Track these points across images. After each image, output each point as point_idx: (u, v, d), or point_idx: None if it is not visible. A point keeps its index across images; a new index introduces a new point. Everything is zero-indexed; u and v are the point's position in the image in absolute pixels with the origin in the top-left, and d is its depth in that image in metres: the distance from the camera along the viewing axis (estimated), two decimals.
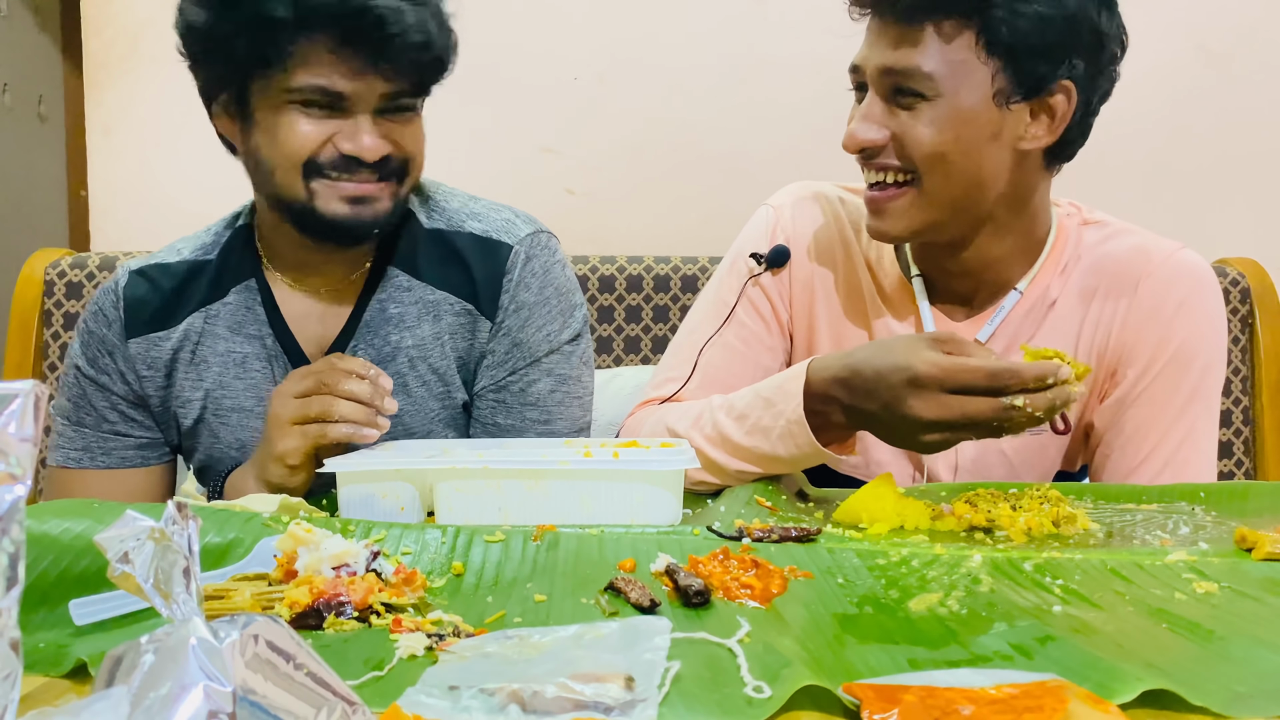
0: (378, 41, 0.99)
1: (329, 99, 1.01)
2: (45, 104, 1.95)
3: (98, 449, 1.14)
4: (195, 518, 0.41)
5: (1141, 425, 1.07)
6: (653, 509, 0.86)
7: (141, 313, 1.14)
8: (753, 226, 1.22)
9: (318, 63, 1.00)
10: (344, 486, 0.89)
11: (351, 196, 1.03)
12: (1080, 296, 1.10)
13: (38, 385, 0.36)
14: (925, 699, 0.48)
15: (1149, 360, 1.07)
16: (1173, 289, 1.08)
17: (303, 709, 0.39)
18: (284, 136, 1.02)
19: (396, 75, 1.02)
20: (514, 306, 1.13)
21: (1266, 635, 0.60)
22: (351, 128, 1.02)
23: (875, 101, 1.02)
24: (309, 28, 0.98)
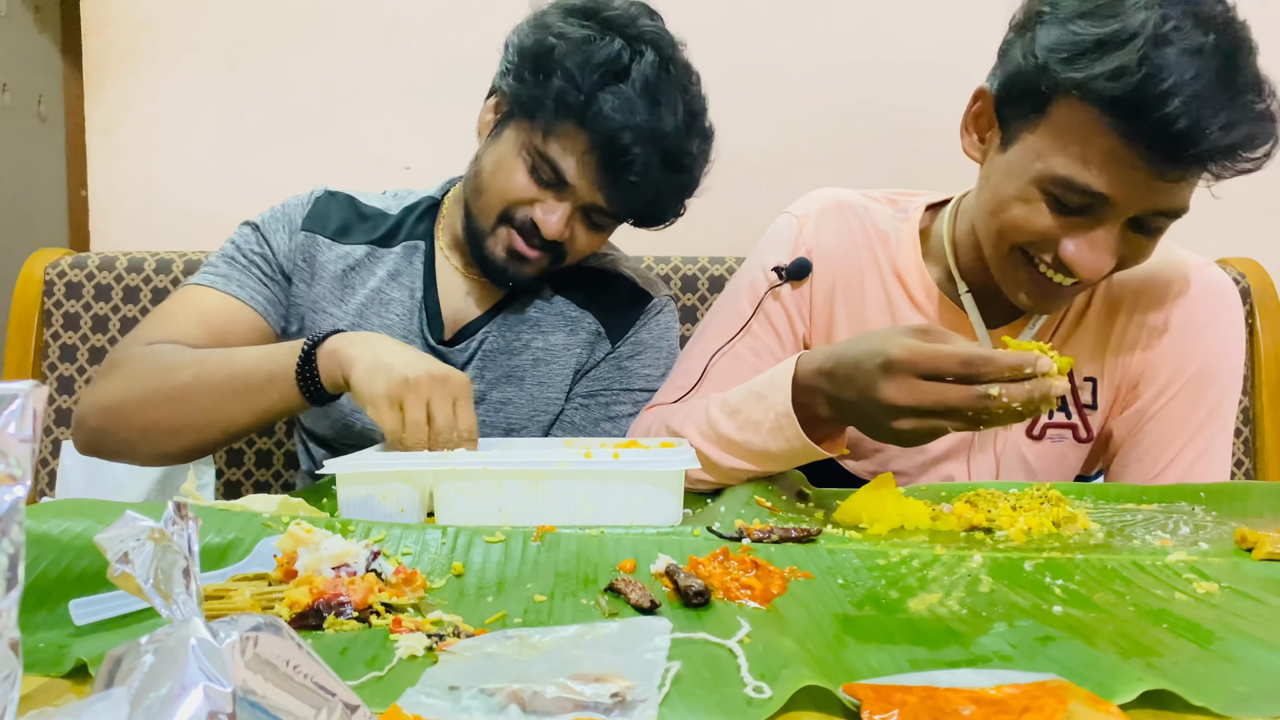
0: (617, 177, 1.11)
1: (555, 176, 1.13)
2: (45, 104, 1.95)
3: (237, 280, 1.21)
4: (195, 518, 0.41)
5: (1160, 439, 1.08)
6: (653, 509, 0.86)
7: (321, 217, 1.27)
8: (774, 235, 1.20)
9: (568, 149, 1.12)
10: (344, 488, 0.89)
11: (515, 251, 1.16)
12: (1106, 306, 1.10)
13: (37, 386, 0.36)
14: (925, 699, 0.48)
15: (1172, 376, 1.08)
16: (1201, 307, 1.08)
17: (302, 709, 0.39)
18: (505, 177, 1.15)
19: (613, 203, 1.14)
20: (633, 340, 1.29)
21: (1267, 635, 0.60)
22: (553, 204, 1.14)
23: (1120, 232, 0.95)
24: (582, 125, 1.10)
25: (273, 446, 1.65)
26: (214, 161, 2.00)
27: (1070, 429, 1.12)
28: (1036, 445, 1.12)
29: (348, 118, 2.00)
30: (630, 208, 1.16)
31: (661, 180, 1.13)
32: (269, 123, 2.00)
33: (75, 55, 2.00)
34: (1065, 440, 1.12)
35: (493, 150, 1.17)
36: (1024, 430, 1.12)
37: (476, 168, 1.20)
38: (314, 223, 1.26)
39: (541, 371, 1.26)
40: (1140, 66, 0.85)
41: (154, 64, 2.01)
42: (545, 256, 1.17)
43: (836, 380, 0.89)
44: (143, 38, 2.01)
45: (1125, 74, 0.86)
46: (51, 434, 1.63)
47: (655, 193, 1.14)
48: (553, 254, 1.17)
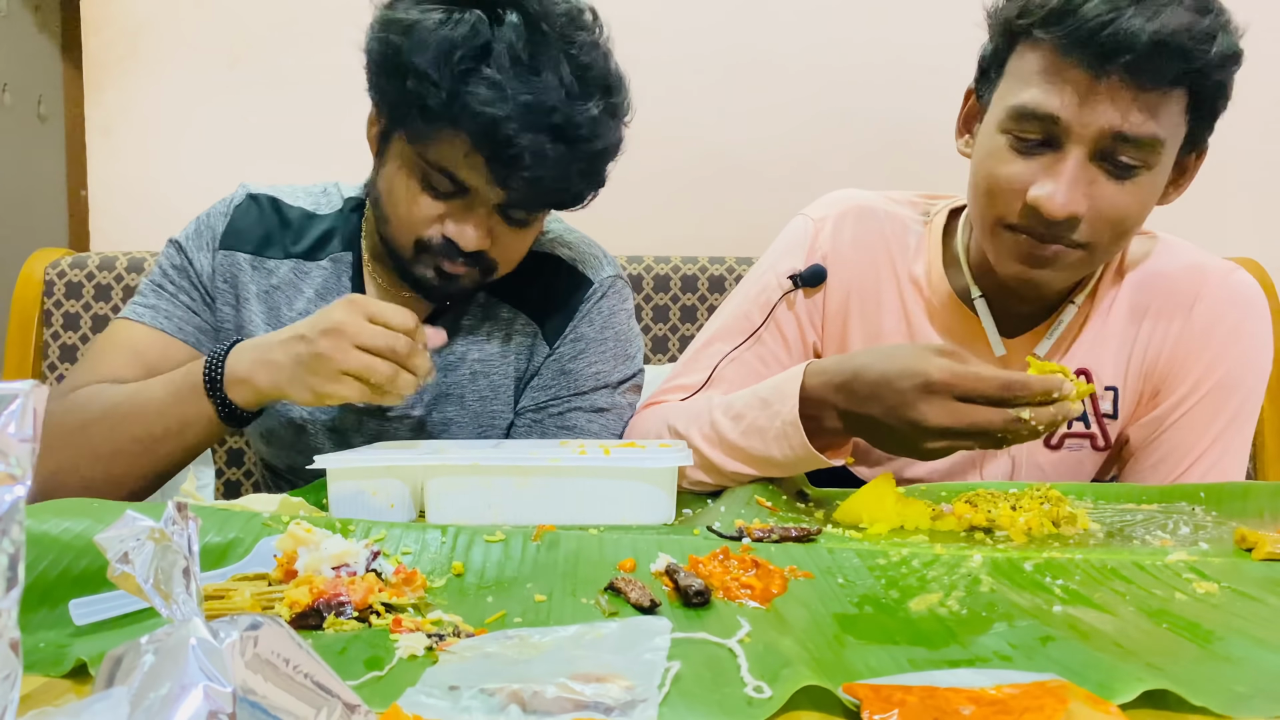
0: (513, 170, 0.99)
1: (452, 186, 1.02)
2: (45, 104, 1.95)
3: (164, 312, 1.15)
4: (195, 518, 0.41)
5: (1177, 447, 1.06)
6: (644, 507, 0.86)
7: (241, 231, 1.17)
8: (789, 238, 1.16)
9: (454, 154, 1.00)
10: (334, 483, 0.88)
11: (440, 270, 1.06)
12: (1131, 313, 1.08)
13: (37, 386, 0.36)
14: (925, 699, 0.48)
15: (1194, 384, 1.06)
16: (1227, 314, 1.06)
17: (303, 709, 0.39)
18: (404, 201, 1.05)
19: (520, 197, 1.03)
20: (573, 338, 1.17)
21: (1267, 635, 0.60)
22: (462, 216, 1.04)
23: (1085, 166, 0.92)
24: (456, 125, 0.98)
25: None
26: (214, 161, 2.00)
27: (1089, 439, 1.11)
28: (1054, 455, 1.11)
29: (348, 118, 1.99)
30: (541, 197, 1.04)
31: (563, 158, 1.00)
32: (269, 123, 2.00)
33: (75, 55, 2.00)
34: (1083, 450, 1.11)
35: (384, 173, 1.07)
36: (1042, 440, 1.11)
37: (375, 194, 1.10)
38: (233, 238, 1.17)
39: (482, 385, 1.17)
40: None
41: (154, 64, 2.01)
42: (475, 270, 1.07)
43: (854, 395, 0.88)
44: (143, 38, 2.01)
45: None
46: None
47: (561, 173, 1.01)
48: (482, 265, 1.07)
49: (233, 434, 1.62)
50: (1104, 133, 0.91)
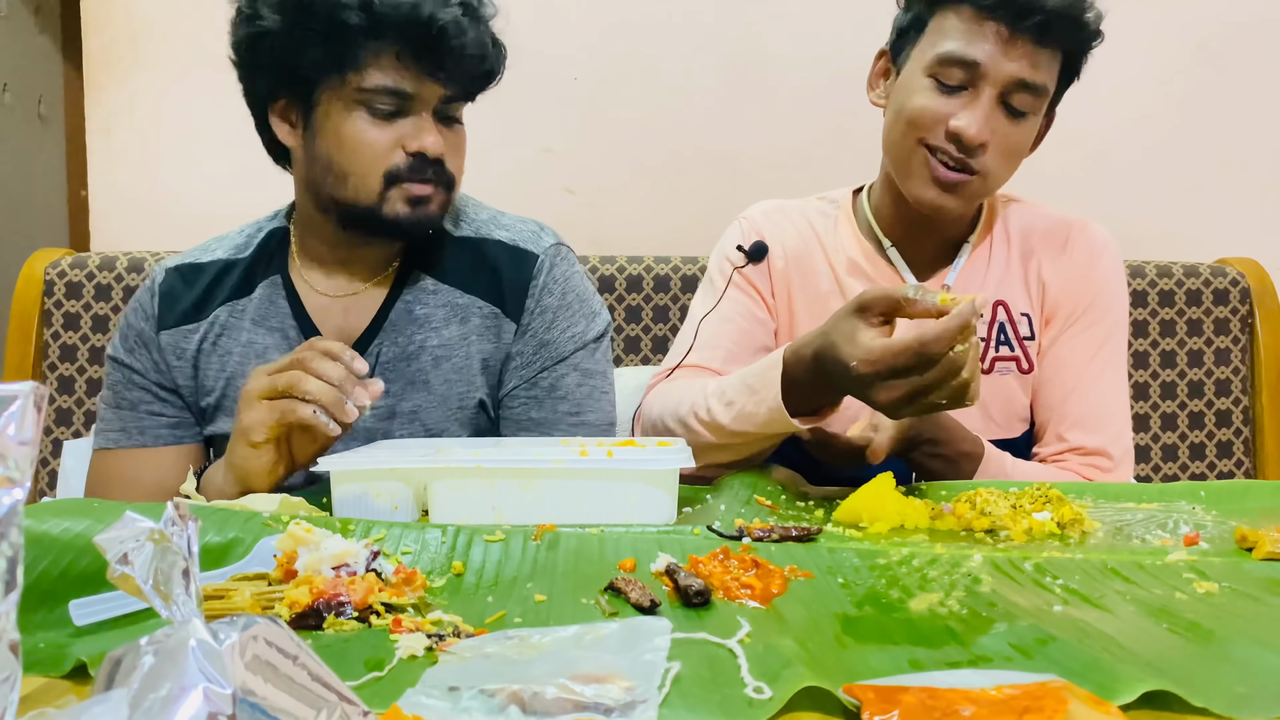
0: (440, 51, 1.06)
1: (396, 100, 1.08)
2: (45, 104, 1.95)
3: (134, 428, 1.17)
4: (195, 518, 0.41)
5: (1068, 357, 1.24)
6: (647, 508, 0.86)
7: (173, 308, 1.19)
8: (729, 236, 1.35)
9: (388, 66, 1.07)
10: (337, 486, 0.89)
11: (413, 197, 1.10)
12: (1022, 255, 1.28)
13: (37, 387, 0.36)
14: (926, 700, 0.48)
15: (1073, 307, 1.25)
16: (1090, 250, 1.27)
17: (302, 710, 0.39)
18: (355, 142, 1.09)
19: (453, 82, 1.10)
20: (539, 310, 1.20)
21: (1267, 635, 0.60)
22: (415, 128, 1.09)
23: (992, 103, 1.12)
24: (379, 35, 1.05)
25: None
26: (214, 161, 2.00)
27: (1014, 361, 1.25)
28: (986, 379, 1.23)
29: None
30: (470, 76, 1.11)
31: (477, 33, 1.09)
32: None
33: (75, 55, 2.00)
34: (1011, 373, 1.25)
35: (324, 139, 1.10)
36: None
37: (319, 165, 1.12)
38: (166, 319, 1.18)
39: (445, 369, 1.18)
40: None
41: (154, 64, 2.01)
42: (440, 188, 1.12)
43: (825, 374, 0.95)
44: (143, 38, 2.01)
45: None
46: (51, 434, 1.63)
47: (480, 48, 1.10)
48: (444, 180, 1.12)
49: None
50: (1012, 79, 1.11)
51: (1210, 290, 1.71)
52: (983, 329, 1.24)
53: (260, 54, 1.12)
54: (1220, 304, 1.71)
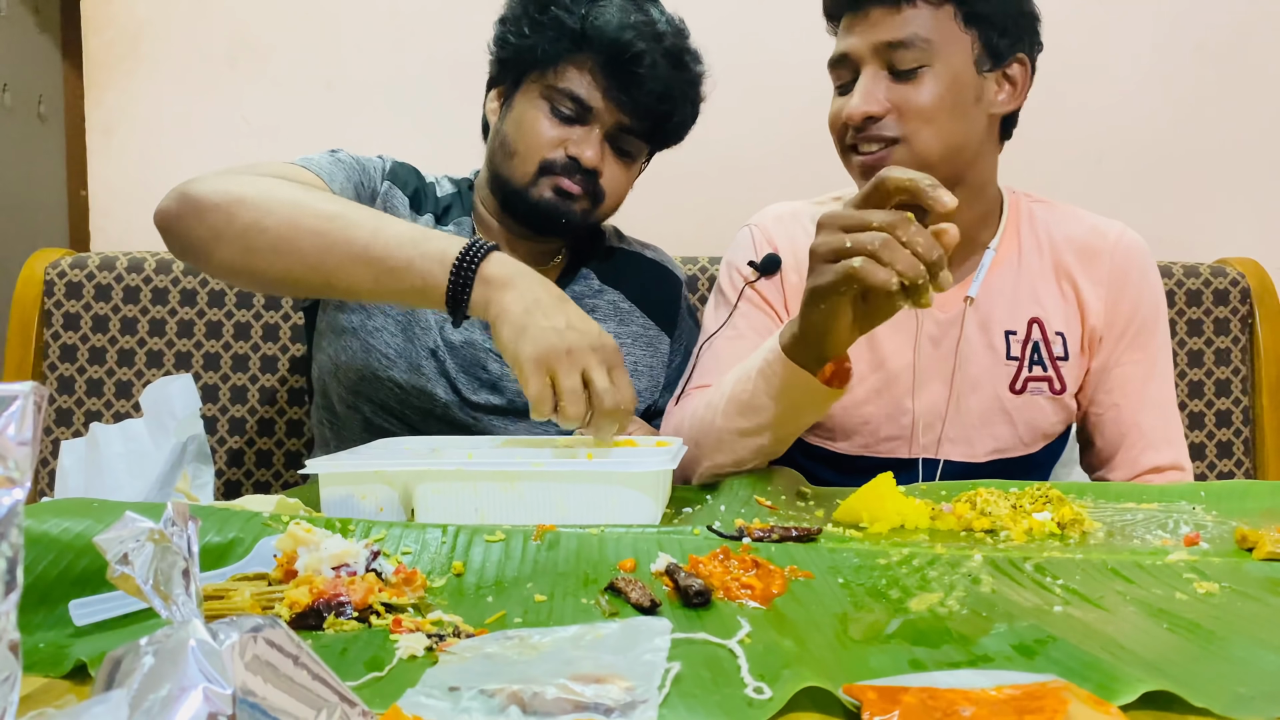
0: (626, 76, 1.20)
1: (576, 108, 1.22)
2: (45, 104, 1.95)
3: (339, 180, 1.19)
4: (195, 519, 0.41)
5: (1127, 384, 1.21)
6: (628, 511, 0.86)
7: (399, 177, 1.31)
8: (737, 244, 1.31)
9: (580, 74, 1.22)
10: (325, 488, 0.89)
11: (560, 188, 1.22)
12: (1055, 270, 1.22)
13: (37, 387, 0.36)
14: (926, 700, 0.48)
15: (1123, 328, 1.21)
16: (1131, 265, 1.22)
17: (303, 710, 0.39)
18: (529, 127, 1.23)
19: (630, 111, 1.22)
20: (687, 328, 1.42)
21: (1267, 636, 0.60)
22: (582, 136, 1.22)
23: (875, 77, 1.11)
24: (585, 46, 1.20)
25: (273, 446, 1.65)
26: (214, 161, 1.98)
27: (1046, 381, 1.21)
28: (1019, 399, 1.20)
29: (348, 117, 2.00)
30: (648, 113, 1.23)
31: (670, 77, 1.22)
32: (269, 123, 2.00)
33: (75, 55, 2.00)
34: (1043, 393, 1.21)
35: (510, 118, 1.25)
36: (1008, 385, 1.20)
37: (499, 140, 1.26)
38: (396, 178, 1.29)
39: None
40: None
41: (154, 64, 2.01)
42: (587, 196, 1.23)
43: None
44: (143, 38, 2.01)
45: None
46: (51, 434, 1.63)
47: (667, 92, 1.22)
48: (593, 191, 1.24)
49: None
50: (876, 47, 1.10)
51: (1210, 290, 1.71)
52: (1016, 347, 1.20)
53: (503, 45, 1.26)
54: (1220, 304, 1.71)
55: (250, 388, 1.65)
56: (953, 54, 1.10)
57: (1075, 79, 1.92)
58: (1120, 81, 1.95)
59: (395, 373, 1.24)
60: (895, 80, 1.10)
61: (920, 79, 1.10)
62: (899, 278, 0.84)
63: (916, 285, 0.85)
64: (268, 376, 1.65)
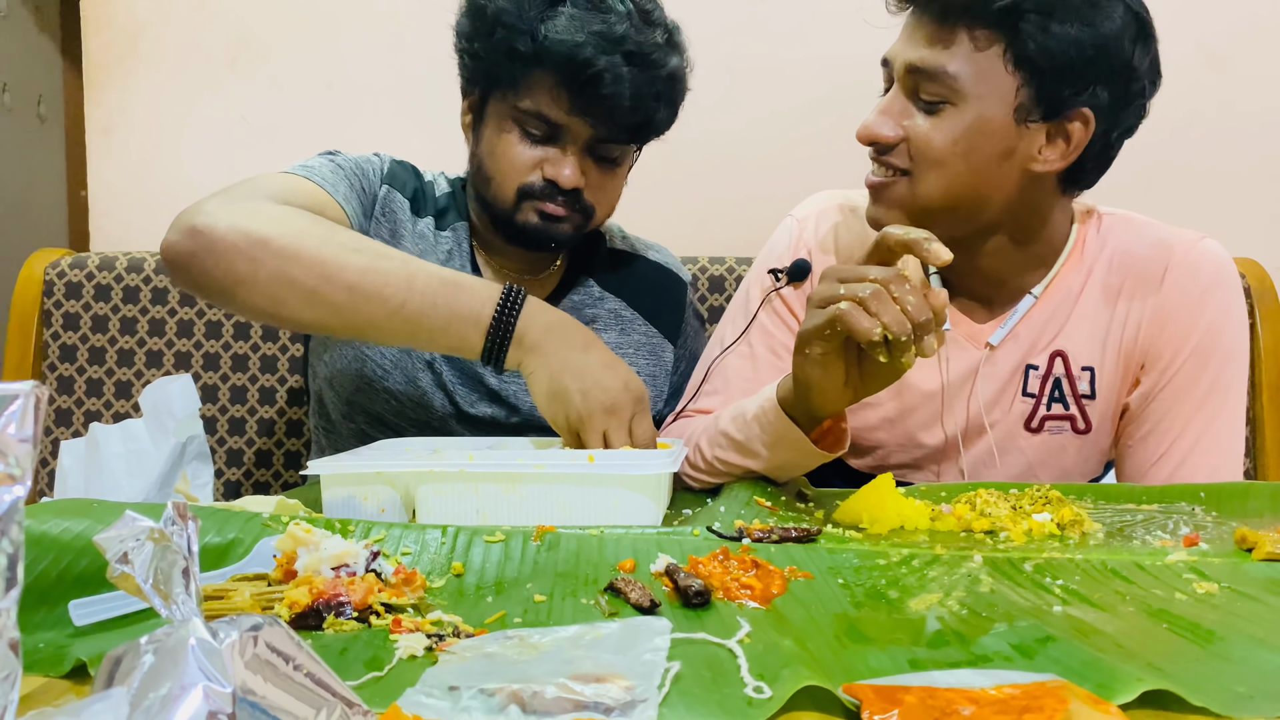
0: (592, 93, 1.12)
1: (545, 128, 1.16)
2: (45, 104, 1.95)
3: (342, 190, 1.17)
4: (195, 518, 0.41)
5: (1162, 420, 1.09)
6: (629, 513, 0.86)
7: (398, 178, 1.27)
8: (777, 239, 1.23)
9: (542, 94, 1.14)
10: (327, 489, 0.90)
11: (544, 212, 1.18)
12: (1105, 294, 1.11)
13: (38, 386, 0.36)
14: (925, 699, 0.48)
15: (1173, 354, 1.08)
16: (1194, 283, 1.08)
17: (302, 710, 0.39)
18: (501, 154, 1.18)
19: (603, 125, 1.15)
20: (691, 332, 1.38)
21: (1267, 636, 0.60)
22: (558, 157, 1.17)
23: (898, 98, 1.03)
24: (542, 64, 1.12)
25: (272, 446, 1.65)
26: (214, 161, 2.00)
27: (1068, 420, 1.13)
28: (1035, 438, 1.13)
29: (348, 118, 2.00)
30: (622, 123, 1.15)
31: (638, 83, 1.13)
32: (269, 123, 2.00)
33: (75, 55, 2.00)
34: (1064, 433, 1.13)
35: (483, 142, 1.20)
36: (1022, 423, 1.13)
37: (476, 163, 1.23)
38: (394, 181, 1.26)
39: None
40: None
41: (154, 64, 2.01)
42: (574, 214, 1.19)
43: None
44: (143, 38, 2.01)
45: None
46: (51, 434, 1.63)
47: (637, 100, 1.13)
48: (580, 208, 1.19)
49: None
50: (908, 66, 1.01)
51: None
52: (1035, 383, 1.11)
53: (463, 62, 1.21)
54: None
55: (250, 388, 1.65)
56: (986, 97, 0.98)
57: None
58: None
59: (390, 383, 1.23)
60: (918, 107, 1.02)
61: (940, 115, 1.00)
62: (883, 329, 0.84)
63: (900, 342, 0.84)
64: (267, 376, 1.65)
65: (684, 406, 1.20)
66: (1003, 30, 0.97)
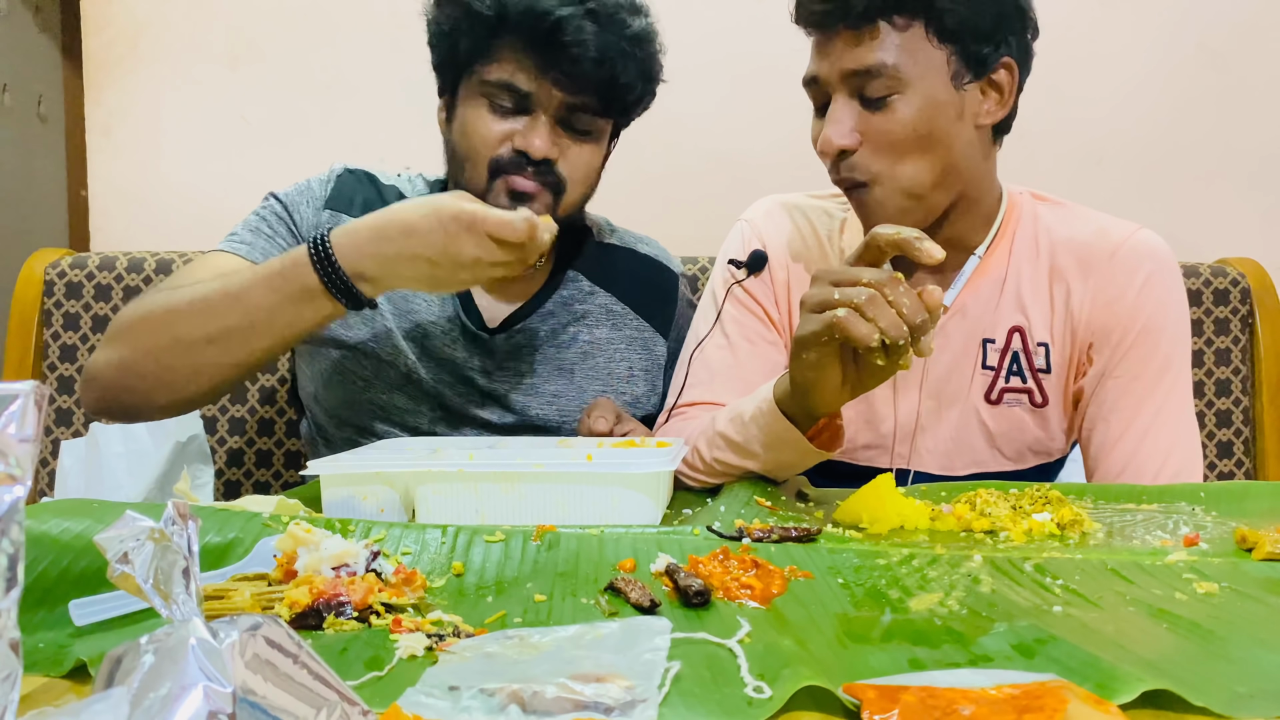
0: (555, 48, 1.10)
1: (514, 97, 1.13)
2: (45, 104, 1.95)
3: (260, 248, 1.19)
4: (195, 518, 0.41)
5: (1121, 398, 1.13)
6: (629, 511, 0.86)
7: (344, 196, 1.25)
8: (730, 240, 1.28)
9: (508, 61, 1.13)
10: (326, 489, 0.90)
11: (514, 190, 1.15)
12: (1052, 275, 1.15)
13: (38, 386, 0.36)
14: (925, 699, 0.48)
15: (1120, 335, 1.13)
16: (1137, 267, 1.13)
17: (303, 709, 0.39)
18: (471, 130, 1.15)
19: (572, 86, 1.12)
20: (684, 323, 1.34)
21: (1267, 635, 0.60)
22: (528, 126, 1.14)
23: (845, 105, 1.05)
24: (504, 26, 1.11)
25: (273, 446, 1.65)
26: (214, 161, 2.00)
27: (1026, 393, 1.16)
28: (994, 409, 1.17)
29: (348, 118, 2.00)
30: (588, 82, 1.12)
31: (602, 40, 1.10)
32: (269, 123, 2.00)
33: (75, 55, 2.00)
34: (1022, 404, 1.16)
35: (455, 125, 1.19)
36: (983, 395, 1.17)
37: (450, 150, 1.21)
38: (338, 202, 1.24)
39: (589, 365, 1.28)
40: None
41: (154, 64, 2.01)
42: (546, 190, 1.15)
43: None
44: (143, 38, 2.01)
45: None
46: (51, 434, 1.63)
47: (602, 56, 1.11)
48: (551, 183, 1.15)
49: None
50: (843, 73, 1.04)
51: (1210, 290, 1.71)
52: (994, 356, 1.15)
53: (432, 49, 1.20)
54: (1220, 304, 1.71)
55: (250, 388, 1.65)
56: (925, 75, 1.04)
57: (1075, 79, 1.92)
58: (1120, 81, 1.95)
59: (373, 394, 1.22)
60: (866, 108, 1.05)
61: (891, 107, 1.04)
62: (880, 334, 0.84)
63: (897, 345, 0.85)
64: (268, 376, 1.65)
65: (674, 403, 1.21)
66: (921, 12, 1.03)
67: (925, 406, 1.17)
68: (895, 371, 0.89)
